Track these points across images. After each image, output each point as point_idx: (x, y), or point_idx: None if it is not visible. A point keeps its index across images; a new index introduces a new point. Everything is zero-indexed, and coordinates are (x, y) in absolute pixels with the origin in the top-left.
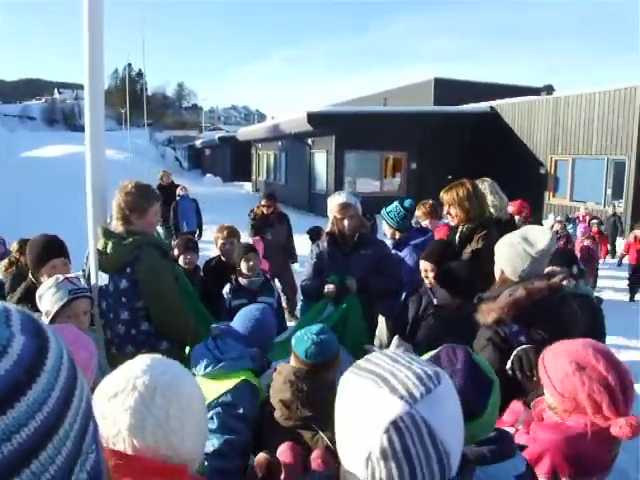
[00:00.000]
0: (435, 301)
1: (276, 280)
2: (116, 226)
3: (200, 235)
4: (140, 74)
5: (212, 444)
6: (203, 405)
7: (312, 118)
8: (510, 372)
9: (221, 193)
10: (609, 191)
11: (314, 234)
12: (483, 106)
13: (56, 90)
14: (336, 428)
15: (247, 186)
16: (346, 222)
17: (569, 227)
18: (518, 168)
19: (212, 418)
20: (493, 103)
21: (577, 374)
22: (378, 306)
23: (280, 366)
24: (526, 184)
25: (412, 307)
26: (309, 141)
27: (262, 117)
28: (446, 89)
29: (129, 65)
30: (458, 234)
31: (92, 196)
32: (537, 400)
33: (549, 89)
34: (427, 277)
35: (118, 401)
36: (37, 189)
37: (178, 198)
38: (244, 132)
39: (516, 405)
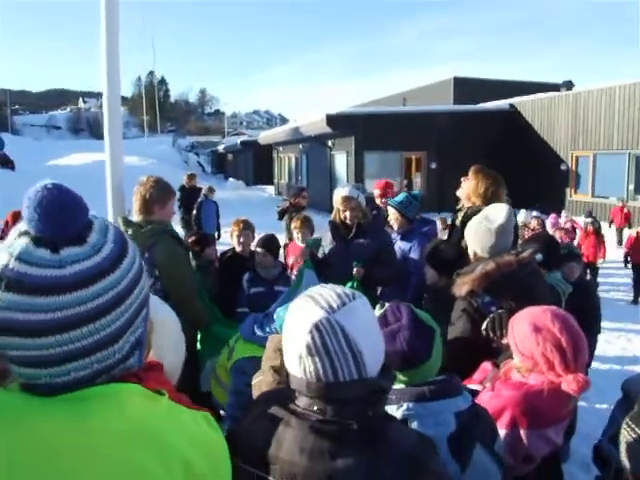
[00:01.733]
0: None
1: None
2: (136, 217)
3: (219, 237)
4: (162, 81)
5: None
6: (177, 329)
7: (331, 120)
8: (484, 332)
9: (243, 197)
10: (631, 186)
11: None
12: (503, 104)
13: (81, 99)
14: (283, 342)
15: (269, 189)
16: (348, 213)
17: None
18: (539, 165)
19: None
20: (513, 100)
21: (534, 335)
22: (383, 293)
23: (271, 336)
24: (548, 181)
25: None
26: (329, 143)
27: (284, 121)
28: (465, 88)
29: (151, 73)
30: (463, 214)
31: (111, 192)
32: (506, 361)
33: (569, 85)
34: None
35: None
36: None
37: (202, 199)
38: (265, 136)
39: (486, 365)
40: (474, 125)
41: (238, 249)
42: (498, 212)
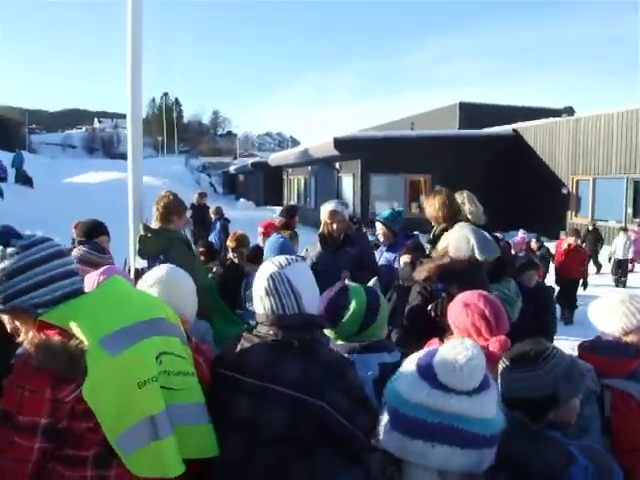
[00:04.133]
0: (400, 281)
1: None
2: (154, 225)
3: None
4: (176, 103)
5: None
6: (192, 292)
7: (338, 143)
8: (429, 312)
9: (253, 217)
10: (629, 210)
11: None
12: (506, 129)
13: (96, 119)
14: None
15: (279, 210)
16: (334, 226)
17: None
18: (541, 189)
19: None
20: (516, 126)
21: (464, 309)
22: None
23: None
24: (549, 204)
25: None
26: (337, 165)
27: (296, 143)
28: (470, 113)
29: (165, 94)
30: (432, 233)
31: (132, 205)
32: (448, 336)
33: (569, 111)
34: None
35: (154, 288)
36: (77, 213)
37: (214, 220)
38: (275, 158)
39: (433, 341)
40: (478, 149)
41: (235, 262)
42: (488, 248)
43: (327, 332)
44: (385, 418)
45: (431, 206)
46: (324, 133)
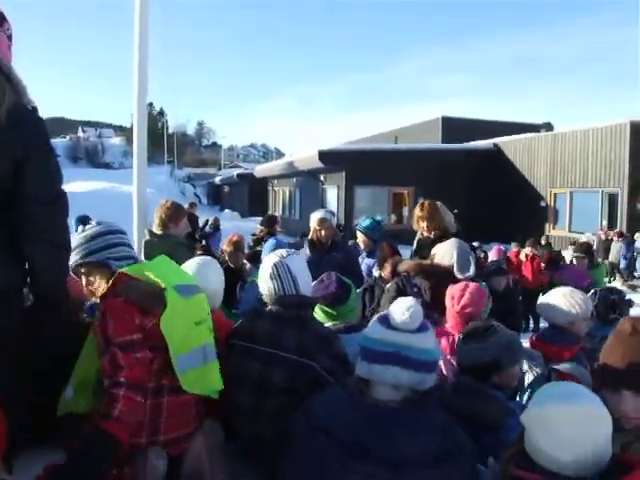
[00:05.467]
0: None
1: None
2: (156, 230)
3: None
4: (161, 113)
5: None
6: (220, 279)
7: (323, 155)
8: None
9: (239, 227)
10: (604, 222)
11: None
12: (487, 143)
13: (80, 128)
14: (259, 277)
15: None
16: (323, 232)
17: None
18: (520, 202)
19: None
20: (496, 140)
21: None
22: None
23: None
24: (528, 217)
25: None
26: (321, 177)
27: (280, 154)
28: (453, 127)
29: (150, 104)
30: (417, 242)
31: (137, 213)
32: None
33: (548, 126)
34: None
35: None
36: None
37: (210, 231)
38: (261, 169)
39: None
40: (460, 163)
41: (231, 265)
42: (468, 269)
43: (318, 316)
44: (358, 355)
45: (422, 215)
46: (309, 145)
